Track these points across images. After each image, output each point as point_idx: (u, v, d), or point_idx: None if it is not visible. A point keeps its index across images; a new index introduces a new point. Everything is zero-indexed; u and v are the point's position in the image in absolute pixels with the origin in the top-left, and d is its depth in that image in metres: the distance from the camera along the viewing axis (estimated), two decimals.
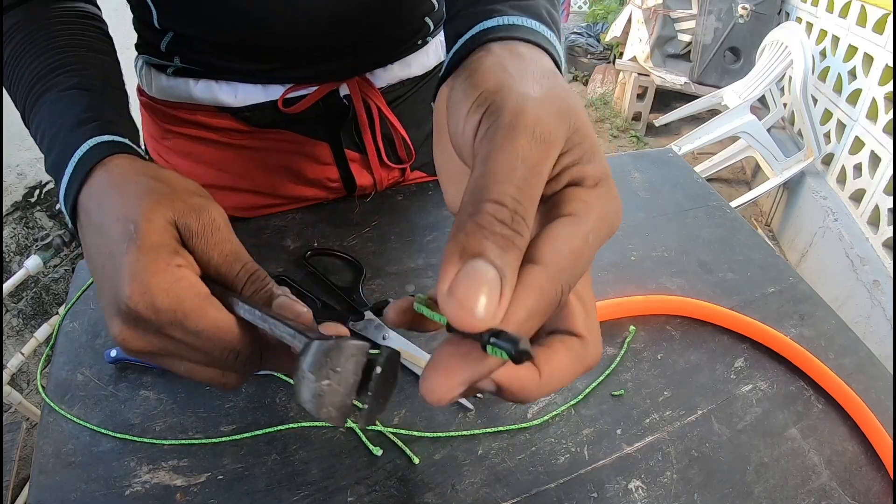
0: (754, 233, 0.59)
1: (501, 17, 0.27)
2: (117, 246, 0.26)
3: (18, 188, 1.41)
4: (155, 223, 0.26)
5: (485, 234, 0.18)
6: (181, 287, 0.25)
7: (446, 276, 0.18)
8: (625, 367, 0.44)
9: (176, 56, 0.49)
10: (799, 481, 0.37)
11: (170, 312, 0.25)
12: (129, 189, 0.28)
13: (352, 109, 0.53)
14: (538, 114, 0.20)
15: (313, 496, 0.35)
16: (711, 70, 2.67)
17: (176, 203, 0.27)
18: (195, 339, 0.25)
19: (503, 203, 0.18)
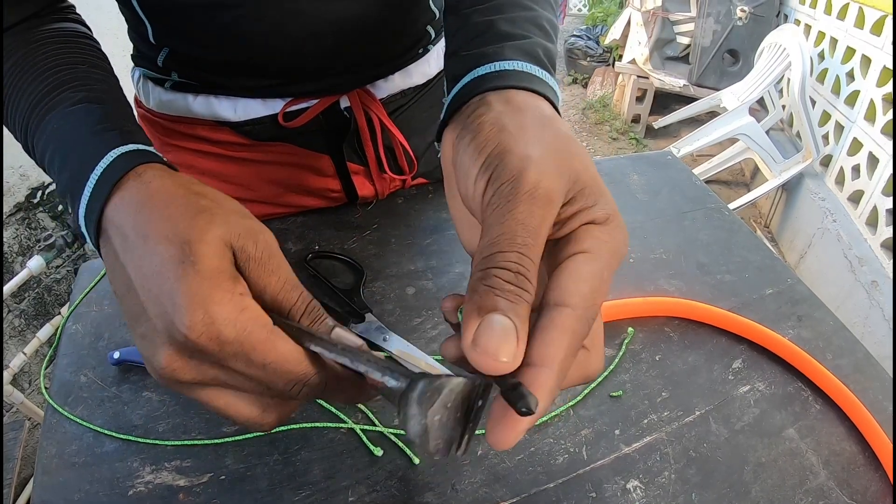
0: (753, 234, 0.59)
1: (497, 62, 0.29)
2: (168, 268, 0.23)
3: (21, 189, 1.42)
4: (212, 245, 0.24)
5: (496, 293, 0.21)
6: (247, 318, 0.23)
7: (469, 330, 0.21)
8: (623, 369, 0.44)
9: (173, 71, 0.49)
10: (797, 481, 0.37)
11: (236, 345, 0.23)
12: (176, 205, 0.25)
13: (353, 122, 0.52)
14: (537, 177, 0.22)
15: (315, 496, 0.35)
16: (710, 72, 2.67)
17: (231, 224, 0.25)
18: (259, 371, 0.24)
19: (508, 269, 0.21)
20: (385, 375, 0.23)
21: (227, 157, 0.53)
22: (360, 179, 0.57)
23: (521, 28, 0.31)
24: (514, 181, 0.22)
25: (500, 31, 0.31)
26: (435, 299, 0.49)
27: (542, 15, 0.33)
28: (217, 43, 0.45)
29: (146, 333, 0.24)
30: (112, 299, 0.48)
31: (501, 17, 0.31)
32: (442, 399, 0.21)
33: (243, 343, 0.23)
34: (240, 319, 0.23)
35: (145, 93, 0.52)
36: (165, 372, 0.24)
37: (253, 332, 0.23)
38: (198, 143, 0.52)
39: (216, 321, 0.23)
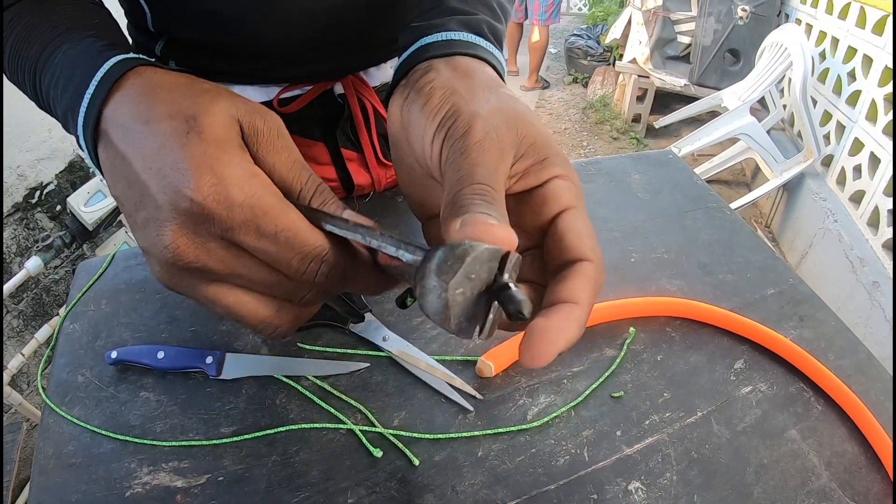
0: (754, 234, 0.59)
1: (443, 32, 0.30)
2: (172, 140, 0.22)
3: (19, 189, 1.42)
4: (218, 116, 0.23)
5: (469, 200, 0.22)
6: (258, 183, 0.22)
7: (452, 226, 0.21)
8: (624, 369, 0.44)
9: (171, 59, 0.50)
10: (799, 483, 0.37)
11: (246, 208, 0.22)
12: (180, 89, 0.24)
13: (346, 108, 0.53)
14: (485, 129, 0.24)
15: (313, 497, 0.35)
16: (711, 72, 2.67)
17: (238, 102, 0.24)
18: (271, 244, 0.22)
19: (475, 192, 0.22)
20: (400, 249, 0.21)
21: None
22: (356, 167, 0.57)
23: (469, 5, 0.32)
24: (466, 135, 0.24)
25: (448, 7, 0.32)
26: None
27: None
28: (213, 24, 0.45)
29: (148, 218, 0.23)
30: (110, 298, 0.47)
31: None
32: (465, 269, 0.19)
33: (254, 207, 0.22)
34: (250, 183, 0.22)
35: None
36: (170, 252, 0.22)
37: (263, 197, 0.22)
38: None
39: (224, 182, 0.22)
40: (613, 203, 0.61)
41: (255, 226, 0.22)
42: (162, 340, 0.44)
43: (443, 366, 0.42)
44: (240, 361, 0.42)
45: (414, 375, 0.42)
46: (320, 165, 0.57)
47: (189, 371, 0.41)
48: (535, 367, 0.20)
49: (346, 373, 0.42)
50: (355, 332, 0.45)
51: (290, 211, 0.23)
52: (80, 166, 1.60)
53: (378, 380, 0.42)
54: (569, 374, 0.43)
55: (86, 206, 1.40)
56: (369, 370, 0.43)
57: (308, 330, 0.45)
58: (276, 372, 0.42)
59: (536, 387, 0.42)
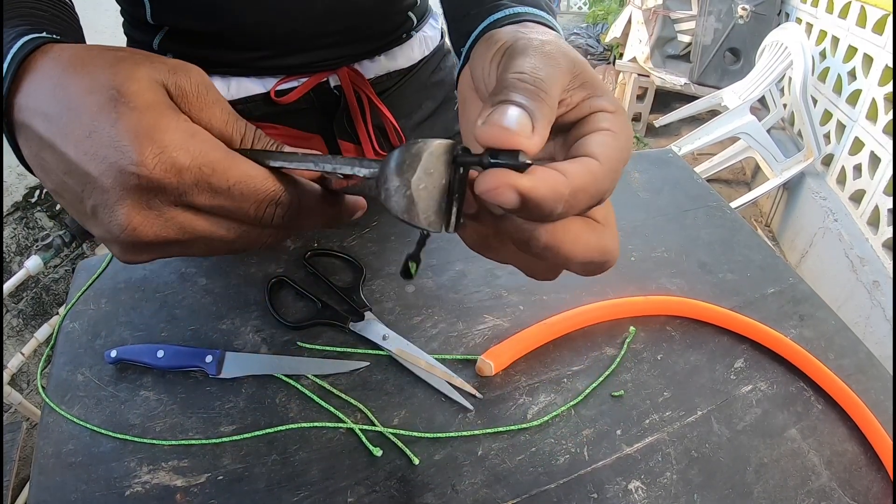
0: (754, 233, 0.59)
1: (507, 9, 0.30)
2: (101, 118, 0.21)
3: (19, 188, 1.41)
4: (142, 82, 0.22)
5: (513, 88, 0.21)
6: (200, 140, 0.22)
7: (481, 115, 0.20)
8: (624, 368, 0.44)
9: (169, 52, 0.50)
10: (799, 482, 0.37)
11: (195, 170, 0.21)
12: (94, 61, 0.22)
13: (343, 100, 0.54)
14: (545, 48, 0.24)
15: (313, 497, 0.35)
16: (711, 71, 2.67)
17: (157, 64, 0.23)
18: (226, 199, 0.22)
19: (524, 74, 0.21)
20: (355, 167, 0.22)
21: None
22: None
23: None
24: (524, 48, 0.23)
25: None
26: (435, 297, 0.48)
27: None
28: (211, 15, 0.46)
29: (97, 204, 0.22)
30: (110, 297, 0.47)
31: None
32: (423, 165, 0.20)
33: (202, 167, 0.21)
34: (192, 143, 0.22)
35: None
36: (128, 233, 0.22)
37: (209, 154, 0.22)
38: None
39: (167, 148, 0.21)
40: (613, 202, 0.61)
41: (207, 184, 0.22)
42: (161, 339, 0.44)
43: (443, 365, 0.42)
44: (239, 360, 0.42)
45: (414, 374, 0.42)
46: None
47: (189, 370, 0.41)
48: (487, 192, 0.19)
49: (345, 372, 0.42)
50: (355, 331, 0.45)
51: (238, 161, 0.23)
52: None
53: (378, 379, 0.42)
54: (569, 373, 0.43)
55: None
56: (369, 369, 0.43)
57: (308, 329, 0.45)
58: (275, 371, 0.42)
59: (536, 386, 0.42)
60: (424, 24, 0.60)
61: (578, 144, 0.22)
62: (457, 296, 0.49)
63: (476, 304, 0.48)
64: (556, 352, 0.45)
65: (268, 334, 0.45)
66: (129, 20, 0.51)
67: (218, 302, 0.47)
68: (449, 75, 0.65)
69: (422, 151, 0.20)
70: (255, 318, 0.46)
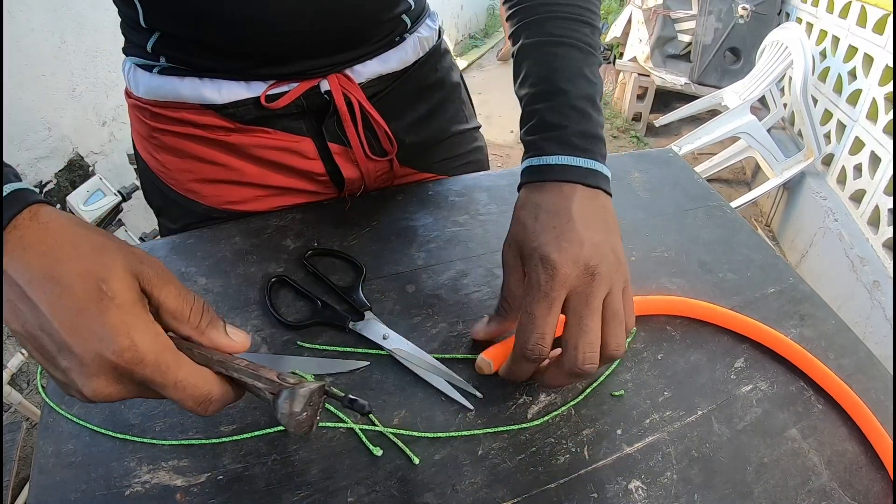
0: (754, 233, 0.59)
1: (544, 156, 0.41)
2: (90, 306, 0.26)
3: None
4: (124, 280, 0.27)
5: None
6: (161, 343, 0.28)
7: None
8: (625, 368, 0.44)
9: (162, 56, 0.50)
10: (799, 482, 0.37)
11: (153, 366, 0.27)
12: (81, 244, 0.28)
13: (333, 104, 0.53)
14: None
15: (313, 496, 0.35)
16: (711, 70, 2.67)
17: (128, 255, 0.28)
18: (172, 390, 0.28)
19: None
20: (256, 381, 0.31)
21: (213, 140, 0.54)
22: (344, 162, 0.57)
23: (559, 116, 0.42)
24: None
25: (543, 121, 0.42)
26: (435, 297, 0.48)
27: (578, 94, 0.43)
28: (202, 21, 0.46)
29: (70, 367, 0.27)
30: None
31: (545, 105, 0.43)
32: (308, 401, 0.30)
33: (159, 364, 0.27)
34: (155, 343, 0.27)
35: (135, 81, 0.54)
36: (92, 393, 0.27)
37: (165, 355, 0.28)
38: (184, 127, 0.53)
39: (138, 346, 0.26)
40: (614, 202, 0.61)
41: (161, 375, 0.27)
42: None
43: (443, 364, 0.42)
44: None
45: (414, 374, 0.42)
46: (308, 160, 0.57)
47: None
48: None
49: (346, 371, 0.42)
50: (355, 331, 0.45)
51: (184, 363, 0.28)
52: (80, 165, 1.60)
53: (378, 378, 0.42)
54: None
55: (85, 204, 1.40)
56: (369, 369, 0.43)
57: (308, 329, 0.45)
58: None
59: (536, 385, 0.42)
60: (420, 24, 0.59)
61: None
62: (457, 296, 0.49)
63: (476, 304, 0.48)
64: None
65: (268, 334, 0.45)
66: (125, 21, 0.51)
67: (218, 301, 0.47)
68: (445, 76, 0.64)
69: (310, 394, 0.30)
70: (255, 318, 0.46)
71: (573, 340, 0.35)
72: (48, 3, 1.44)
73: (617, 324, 0.36)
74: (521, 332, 0.36)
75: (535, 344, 0.35)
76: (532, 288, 0.36)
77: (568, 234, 0.37)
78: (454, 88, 0.66)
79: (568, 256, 0.36)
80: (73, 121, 1.57)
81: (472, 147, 0.69)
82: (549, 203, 0.39)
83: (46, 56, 1.46)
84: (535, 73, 0.44)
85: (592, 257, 0.36)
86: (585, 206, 0.39)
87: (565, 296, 0.36)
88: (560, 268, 0.36)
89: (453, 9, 4.48)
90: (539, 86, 0.44)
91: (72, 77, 1.55)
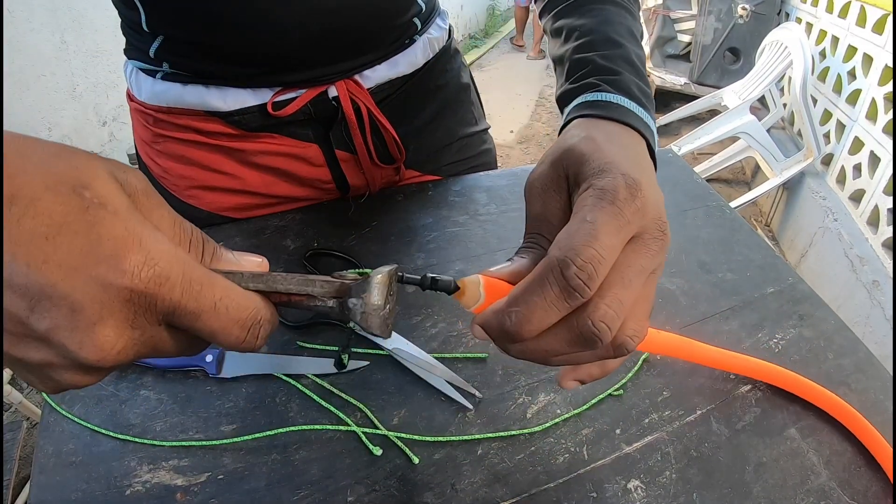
0: (754, 233, 0.59)
1: (595, 92, 0.33)
2: (73, 221, 0.18)
3: None
4: (109, 183, 0.19)
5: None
6: (182, 255, 0.20)
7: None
8: (624, 367, 0.44)
9: (165, 62, 0.49)
10: (798, 481, 0.37)
11: (183, 285, 0.19)
12: (36, 151, 0.18)
13: (340, 111, 0.52)
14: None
15: (313, 496, 0.35)
16: (711, 70, 2.67)
17: (106, 161, 0.20)
18: (211, 318, 0.20)
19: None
20: (308, 287, 0.24)
21: (217, 146, 0.53)
22: (350, 169, 0.57)
23: (614, 63, 0.35)
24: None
25: (598, 66, 0.35)
26: (435, 297, 0.48)
27: (632, 50, 0.37)
28: (206, 28, 0.45)
29: (56, 325, 0.18)
30: None
31: (597, 53, 0.36)
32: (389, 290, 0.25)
33: (191, 281, 0.19)
34: (177, 255, 0.19)
35: (137, 85, 0.53)
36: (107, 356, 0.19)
37: (194, 269, 0.20)
38: (188, 134, 0.53)
39: (155, 260, 0.19)
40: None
41: (195, 298, 0.20)
42: None
43: (443, 364, 0.42)
44: (240, 360, 0.42)
45: (414, 374, 0.42)
46: (315, 167, 0.56)
47: (189, 369, 0.42)
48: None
49: (346, 371, 0.42)
50: (355, 331, 0.45)
51: (218, 279, 0.21)
52: None
53: (378, 378, 0.42)
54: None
55: None
56: (369, 368, 0.43)
57: (308, 328, 0.45)
58: (275, 370, 0.42)
59: (536, 385, 0.42)
60: (430, 25, 0.58)
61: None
62: None
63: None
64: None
65: None
66: (127, 24, 0.50)
67: None
68: (455, 77, 0.63)
69: (389, 280, 0.25)
70: None
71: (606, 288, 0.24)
72: (48, 4, 1.44)
73: (646, 305, 0.26)
74: (567, 244, 0.23)
75: (589, 261, 0.22)
76: (602, 198, 0.24)
77: (648, 173, 0.28)
78: (463, 90, 0.65)
79: (653, 192, 0.26)
80: (74, 121, 1.57)
81: (480, 150, 0.68)
82: (622, 136, 0.30)
83: (47, 56, 1.46)
84: (582, 26, 0.38)
85: (664, 214, 0.27)
86: (651, 165, 0.31)
87: (632, 235, 0.25)
88: (646, 191, 0.25)
89: (453, 9, 4.49)
90: (589, 36, 0.37)
91: (72, 77, 1.55)
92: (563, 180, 0.28)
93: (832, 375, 0.44)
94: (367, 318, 0.24)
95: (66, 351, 0.18)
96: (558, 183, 0.28)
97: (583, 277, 0.22)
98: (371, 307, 0.24)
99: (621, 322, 0.24)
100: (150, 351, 0.21)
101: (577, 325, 0.23)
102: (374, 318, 0.24)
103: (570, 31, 0.39)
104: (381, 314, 0.24)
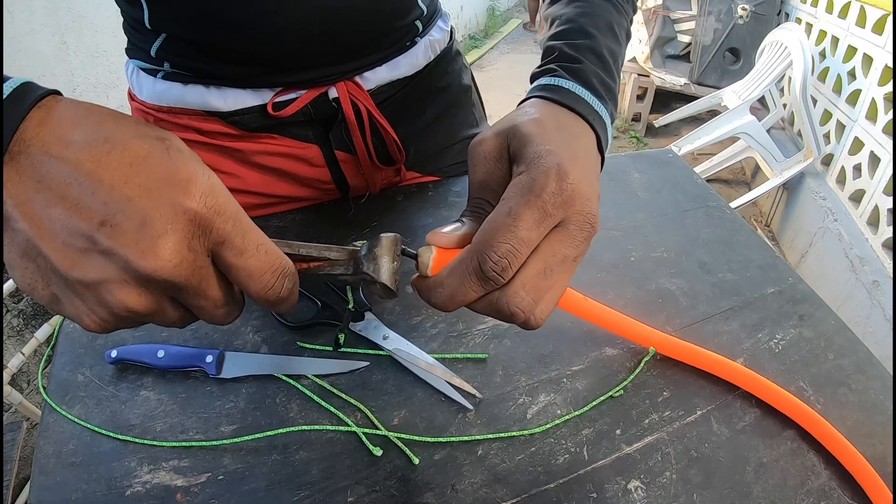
0: (754, 233, 0.59)
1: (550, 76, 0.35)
2: (156, 153, 0.22)
3: None
4: (182, 142, 0.24)
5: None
6: (235, 199, 0.24)
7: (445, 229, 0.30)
8: (623, 368, 0.44)
9: (166, 61, 0.49)
10: (798, 482, 0.37)
11: (235, 220, 0.23)
12: (123, 116, 0.24)
13: (340, 112, 0.53)
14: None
15: (313, 496, 0.35)
16: (711, 71, 2.67)
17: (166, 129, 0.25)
18: (251, 258, 0.23)
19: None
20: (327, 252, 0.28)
21: (218, 146, 0.53)
22: (350, 170, 0.57)
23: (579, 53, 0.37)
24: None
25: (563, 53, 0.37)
26: None
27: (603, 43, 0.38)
28: (208, 27, 0.45)
29: (123, 235, 0.21)
30: None
31: (566, 42, 0.38)
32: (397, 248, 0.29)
33: (241, 220, 0.23)
34: (231, 198, 0.23)
35: (138, 85, 0.53)
36: (165, 267, 0.21)
37: (240, 211, 0.23)
38: (188, 134, 0.53)
39: (216, 192, 0.23)
40: (613, 202, 0.61)
41: (242, 234, 0.23)
42: (162, 339, 0.44)
43: (443, 364, 0.42)
44: (240, 360, 0.42)
45: (414, 374, 0.42)
46: (315, 167, 0.56)
47: (189, 370, 0.42)
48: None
49: (346, 371, 0.42)
50: (355, 331, 0.45)
51: (259, 230, 0.24)
52: None
53: (378, 378, 0.42)
54: (568, 373, 0.43)
55: None
56: (369, 369, 0.43)
57: (308, 329, 0.45)
58: (276, 371, 0.42)
59: (536, 385, 0.42)
60: (432, 27, 0.58)
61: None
62: None
63: None
64: (556, 351, 0.45)
65: (268, 334, 0.45)
66: (129, 23, 0.50)
67: None
68: (456, 79, 0.63)
69: (396, 240, 0.30)
70: (255, 318, 0.46)
71: (526, 273, 0.27)
72: (48, 4, 1.44)
73: (561, 289, 0.29)
74: (487, 237, 0.26)
75: (505, 256, 0.26)
76: (529, 190, 0.27)
77: (584, 165, 0.30)
78: (465, 91, 0.65)
79: (584, 184, 0.28)
80: None
81: None
82: (569, 124, 0.32)
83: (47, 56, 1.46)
84: (562, 15, 0.40)
85: (596, 210, 0.29)
86: (594, 158, 0.33)
87: (555, 225, 0.27)
88: (574, 184, 0.27)
89: (453, 9, 4.48)
90: (566, 25, 0.39)
91: (72, 77, 1.55)
92: (505, 151, 0.31)
93: (832, 375, 0.44)
94: (379, 270, 0.28)
95: (128, 261, 0.21)
96: (500, 153, 0.31)
97: (497, 270, 0.26)
98: (380, 266, 0.28)
99: (536, 306, 0.28)
100: (195, 286, 0.23)
101: (496, 303, 0.27)
102: (385, 270, 0.28)
103: (553, 20, 0.41)
104: (390, 267, 0.28)
